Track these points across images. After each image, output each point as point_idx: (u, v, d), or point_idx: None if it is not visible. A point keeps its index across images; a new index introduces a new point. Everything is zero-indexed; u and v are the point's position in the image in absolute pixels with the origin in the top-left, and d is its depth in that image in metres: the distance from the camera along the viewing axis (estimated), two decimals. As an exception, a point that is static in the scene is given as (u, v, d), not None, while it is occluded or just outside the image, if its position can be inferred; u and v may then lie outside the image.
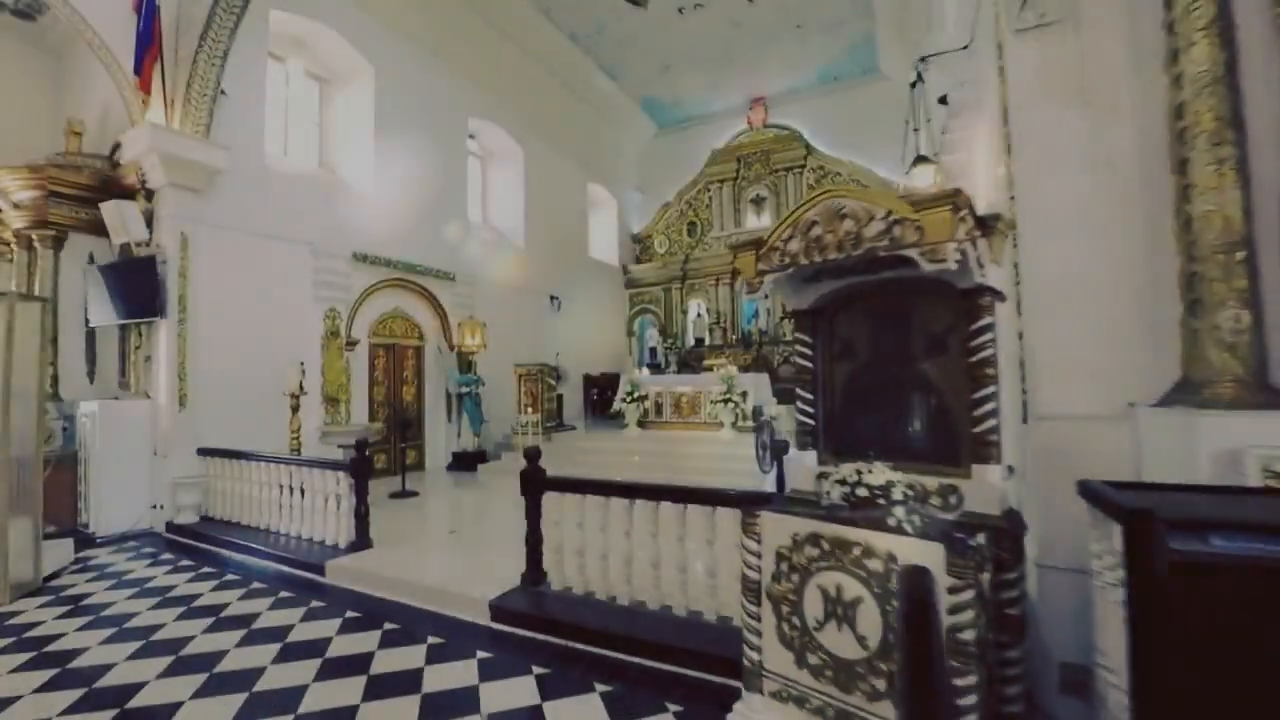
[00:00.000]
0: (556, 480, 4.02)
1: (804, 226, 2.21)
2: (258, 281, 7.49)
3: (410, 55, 9.81)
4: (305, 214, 8.08)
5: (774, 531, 2.28)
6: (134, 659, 3.51)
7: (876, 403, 2.52)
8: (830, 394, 2.64)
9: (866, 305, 2.54)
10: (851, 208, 2.09)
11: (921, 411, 2.40)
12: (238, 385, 7.21)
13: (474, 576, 4.46)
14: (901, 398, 2.46)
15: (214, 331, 7.01)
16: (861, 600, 2.02)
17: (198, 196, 6.92)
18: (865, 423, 2.56)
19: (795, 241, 2.23)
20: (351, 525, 5.23)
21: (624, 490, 3.73)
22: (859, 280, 2.48)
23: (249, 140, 7.49)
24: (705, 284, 15.17)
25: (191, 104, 6.72)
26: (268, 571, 5.21)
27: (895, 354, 2.48)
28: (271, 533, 5.91)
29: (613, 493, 3.78)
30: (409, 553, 5.16)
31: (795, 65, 13.84)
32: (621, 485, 3.76)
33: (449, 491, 8.30)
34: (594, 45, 12.80)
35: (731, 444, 8.79)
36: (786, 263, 2.27)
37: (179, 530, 6.40)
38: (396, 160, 9.50)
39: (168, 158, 6.55)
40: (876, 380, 2.53)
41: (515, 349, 11.42)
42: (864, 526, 2.05)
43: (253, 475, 6.16)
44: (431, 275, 9.90)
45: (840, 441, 2.60)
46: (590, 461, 8.91)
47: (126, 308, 6.69)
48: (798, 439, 2.69)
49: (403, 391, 9.61)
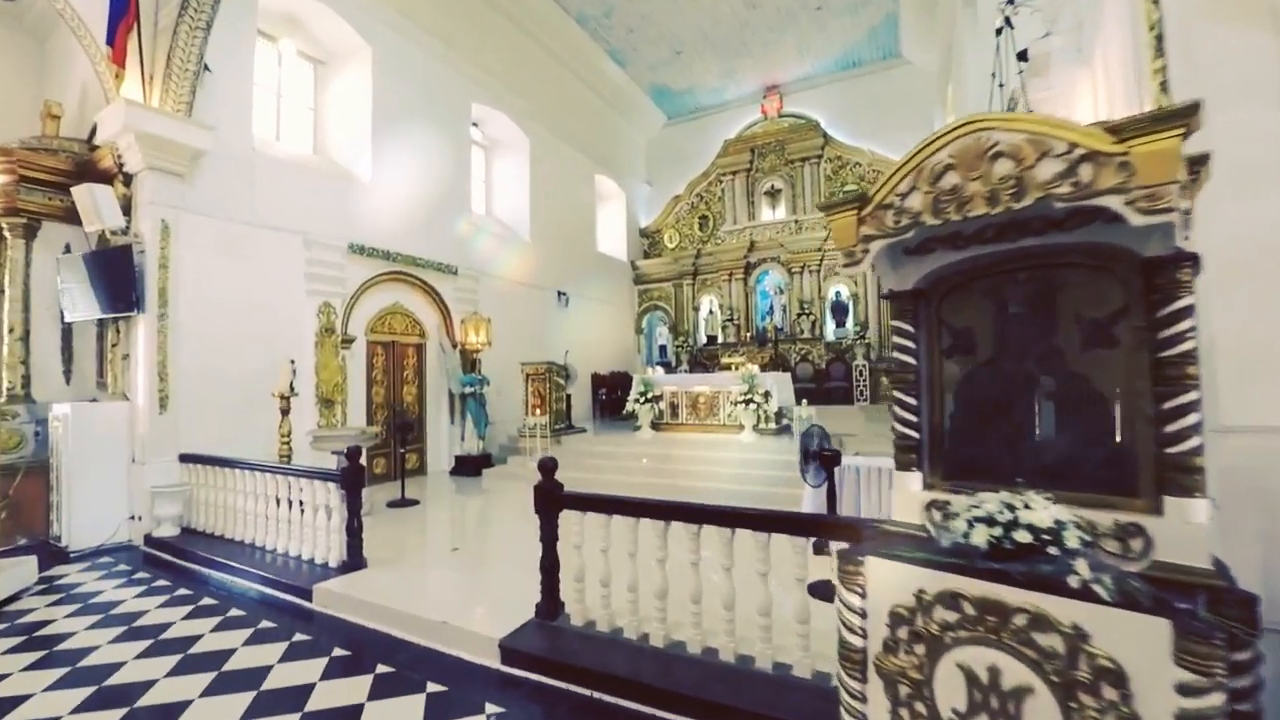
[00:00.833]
0: (577, 497, 3.45)
1: (932, 174, 1.63)
2: (246, 273, 6.94)
3: (410, 35, 9.24)
4: (297, 202, 7.53)
5: (887, 584, 1.71)
6: (81, 713, 2.96)
7: (1004, 411, 1.94)
8: (939, 399, 2.06)
9: (991, 284, 1.96)
10: (1009, 143, 1.51)
11: (1076, 424, 1.82)
12: (224, 386, 6.66)
13: (481, 606, 3.90)
14: (1042, 405, 1.88)
15: (197, 327, 6.46)
16: (1030, 691, 1.44)
17: (180, 181, 6.37)
18: (988, 437, 1.98)
19: (918, 196, 1.65)
20: (343, 543, 4.67)
21: (657, 511, 3.16)
22: (986, 252, 1.89)
23: (236, 121, 6.94)
24: (718, 279, 14.58)
25: (172, 80, 6.16)
26: (249, 595, 4.65)
27: (1033, 347, 1.90)
28: (257, 549, 5.35)
29: (644, 513, 3.21)
30: (407, 574, 4.60)
31: (813, 50, 13.24)
32: (654, 505, 3.19)
33: (452, 499, 7.74)
34: (602, 29, 12.23)
35: (754, 448, 8.21)
36: (904, 225, 1.69)
37: (157, 544, 5.84)
38: (396, 147, 8.94)
39: (146, 138, 6.00)
40: (1005, 382, 1.95)
41: (521, 347, 10.86)
42: (1031, 587, 1.47)
43: (237, 484, 5.61)
44: (433, 269, 9.34)
45: (954, 461, 2.02)
46: (603, 466, 8.34)
47: (102, 301, 6.14)
48: (897, 455, 2.11)
49: (403, 392, 9.05)
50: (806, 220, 13.72)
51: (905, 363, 2.09)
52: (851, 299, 13.19)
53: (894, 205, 1.70)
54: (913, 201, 1.67)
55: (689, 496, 7.20)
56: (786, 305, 13.75)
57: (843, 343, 13.01)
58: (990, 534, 1.59)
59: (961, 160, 1.59)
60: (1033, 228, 1.77)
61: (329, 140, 8.75)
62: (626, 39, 12.69)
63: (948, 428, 2.05)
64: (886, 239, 1.74)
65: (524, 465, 8.80)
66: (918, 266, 2.03)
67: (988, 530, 1.60)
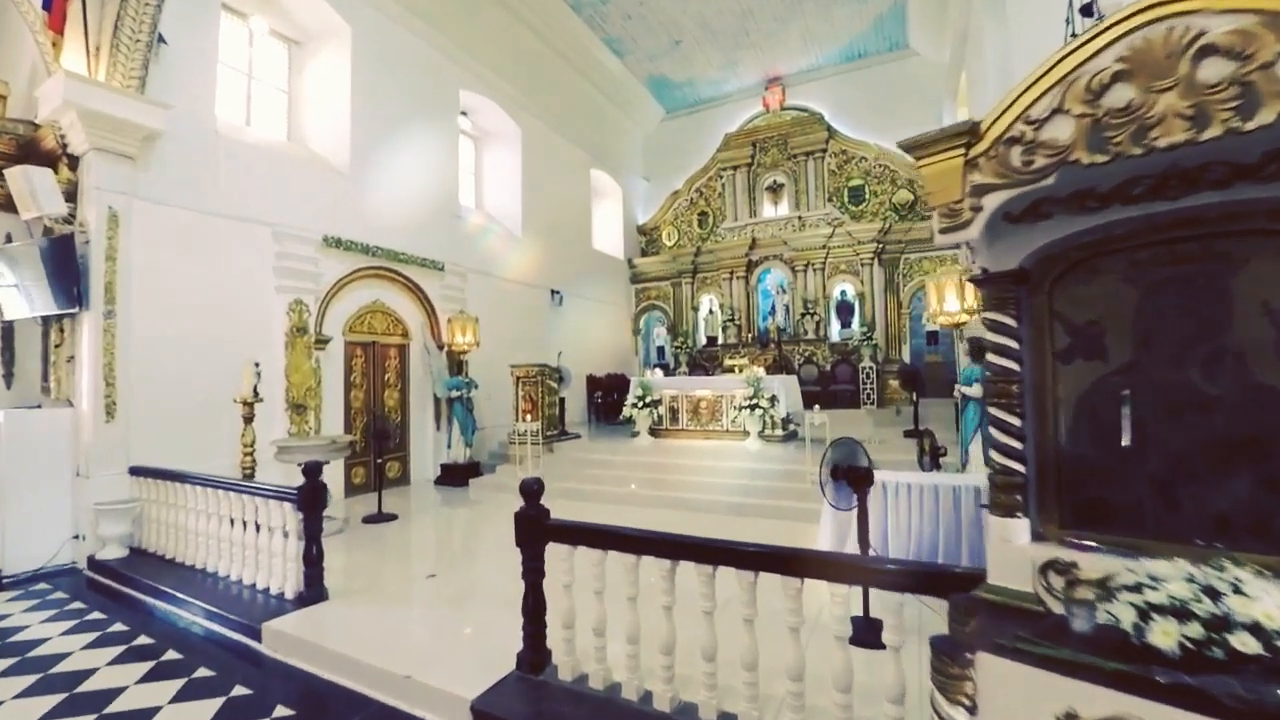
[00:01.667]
0: (565, 528, 2.89)
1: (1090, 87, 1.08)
2: (207, 267, 6.35)
3: (393, 15, 8.66)
4: (267, 191, 6.94)
5: (1012, 697, 1.15)
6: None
7: (1157, 438, 1.40)
8: (1050, 419, 1.52)
9: (1131, 262, 1.41)
10: (1224, 31, 0.96)
11: (1267, 456, 1.28)
12: (182, 391, 6.07)
13: (455, 652, 3.33)
14: (1217, 430, 1.33)
15: (151, 326, 5.87)
16: None
17: (131, 164, 5.78)
18: (1127, 471, 1.43)
19: (1064, 121, 1.11)
20: (300, 572, 4.09)
21: (663, 547, 2.60)
22: (1128, 216, 1.35)
23: (197, 101, 6.35)
24: (718, 278, 14.02)
25: (121, 51, 5.57)
26: (193, 632, 4.07)
27: (1196, 349, 1.36)
28: (209, 575, 4.77)
29: (646, 549, 2.65)
30: (372, 610, 4.02)
31: (817, 40, 12.72)
32: (659, 540, 2.63)
33: (434, 513, 7.16)
34: (598, 15, 11.67)
35: (760, 457, 7.67)
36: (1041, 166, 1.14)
37: (101, 569, 5.25)
38: (377, 135, 8.37)
39: (90, 115, 5.41)
40: (1152, 396, 1.41)
41: (512, 348, 10.28)
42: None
43: (189, 501, 5.03)
44: (417, 264, 8.76)
45: (1076, 503, 1.48)
46: (599, 477, 7.78)
47: (42, 297, 5.54)
48: (994, 495, 1.56)
49: (384, 396, 8.46)
50: (810, 216, 13.19)
51: (1003, 369, 1.54)
52: (858, 298, 12.66)
53: (1023, 138, 1.16)
54: (1056, 130, 1.12)
55: (691, 510, 6.66)
56: (789, 305, 13.21)
57: (848, 344, 12.48)
58: (1184, 635, 1.04)
59: (1142, 63, 1.05)
60: (1210, 178, 1.22)
61: (304, 126, 8.16)
62: (624, 27, 12.14)
63: (1065, 458, 1.50)
64: (1011, 189, 1.19)
65: (514, 474, 8.22)
66: (1024, 238, 1.48)
67: (1178, 628, 1.04)
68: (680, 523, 6.26)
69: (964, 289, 5.49)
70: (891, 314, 12.38)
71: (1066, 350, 1.52)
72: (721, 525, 6.08)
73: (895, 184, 12.68)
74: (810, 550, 2.37)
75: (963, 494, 4.06)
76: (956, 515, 4.05)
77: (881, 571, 1.96)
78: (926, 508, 4.11)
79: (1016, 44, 6.17)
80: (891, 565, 2.02)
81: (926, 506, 4.12)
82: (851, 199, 13.04)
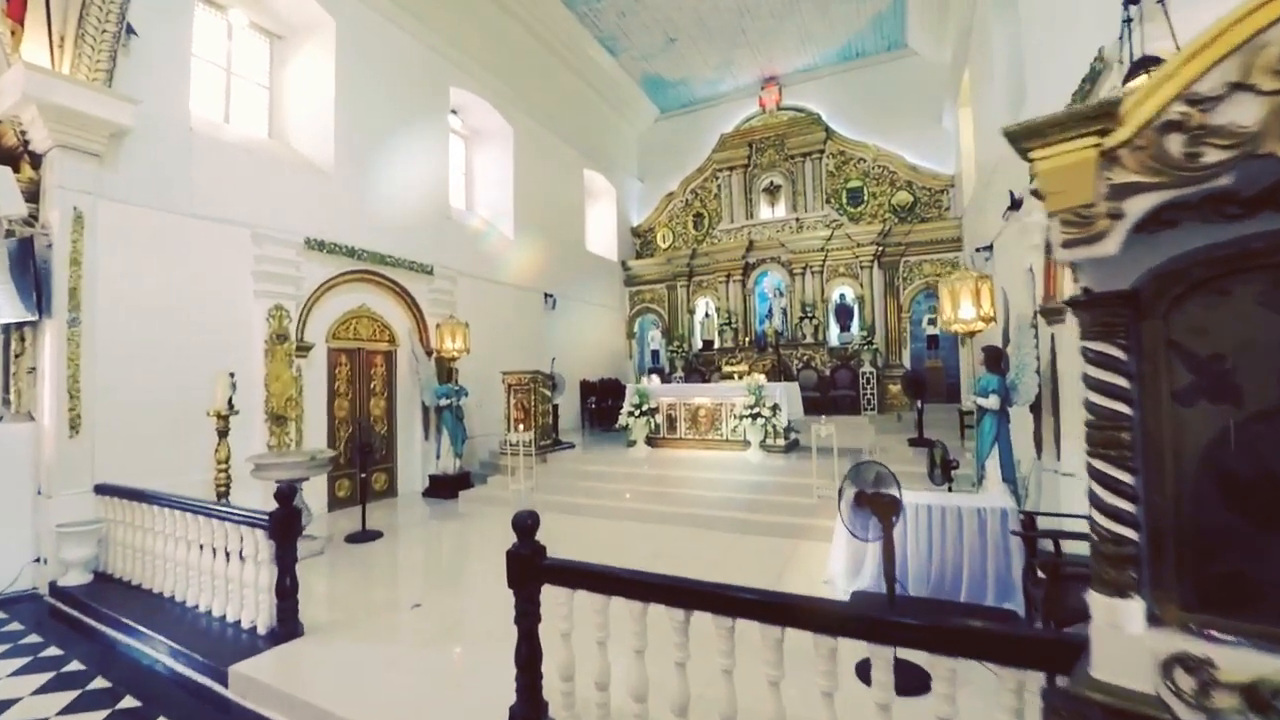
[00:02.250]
0: (562, 569, 2.58)
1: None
2: (181, 272, 5.99)
3: (379, 8, 8.32)
4: (246, 191, 6.59)
5: None
6: None
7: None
8: (1168, 472, 1.24)
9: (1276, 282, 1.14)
10: None
11: None
12: (153, 404, 5.71)
13: (441, 701, 3.02)
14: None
15: (118, 335, 5.51)
16: None
17: (97, 163, 5.41)
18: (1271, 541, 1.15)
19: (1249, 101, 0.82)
20: (272, 605, 3.76)
21: (675, 595, 2.30)
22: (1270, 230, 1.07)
23: (169, 96, 5.99)
24: (714, 280, 13.75)
25: (86, 42, 5.21)
26: (156, 671, 3.73)
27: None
28: (177, 604, 4.42)
29: (654, 596, 2.35)
30: (350, 649, 3.68)
31: (814, 39, 12.49)
32: (669, 585, 2.33)
33: (422, 529, 6.82)
34: (591, 12, 11.39)
35: (762, 468, 7.39)
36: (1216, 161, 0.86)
37: (63, 596, 4.88)
38: (363, 133, 8.03)
39: (52, 110, 5.05)
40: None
41: (503, 353, 9.95)
42: None
43: (156, 524, 4.68)
44: (404, 268, 8.42)
45: (1206, 580, 1.20)
46: (595, 489, 7.47)
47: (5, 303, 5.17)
48: (1099, 568, 1.28)
49: (370, 405, 8.12)
50: (808, 218, 12.94)
51: (1111, 412, 1.26)
52: (857, 301, 12.42)
53: (1187, 122, 0.87)
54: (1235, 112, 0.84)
55: (693, 526, 6.35)
56: (787, 308, 12.96)
57: (848, 348, 12.24)
58: None
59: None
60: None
61: (286, 123, 7.81)
62: (617, 24, 11.86)
63: (1187, 522, 1.22)
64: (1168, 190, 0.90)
65: (505, 486, 7.92)
66: (1139, 251, 1.20)
67: None
68: (682, 540, 5.98)
69: (979, 294, 5.22)
70: (891, 318, 12.14)
71: (1187, 390, 1.24)
72: (726, 543, 5.80)
73: (894, 185, 12.46)
74: (840, 605, 2.08)
75: (988, 517, 3.79)
76: (982, 540, 3.78)
77: (970, 636, 1.68)
78: (950, 532, 3.84)
79: (1029, 38, 5.93)
80: (976, 625, 1.74)
81: (950, 531, 3.85)
82: (850, 200, 12.81)
